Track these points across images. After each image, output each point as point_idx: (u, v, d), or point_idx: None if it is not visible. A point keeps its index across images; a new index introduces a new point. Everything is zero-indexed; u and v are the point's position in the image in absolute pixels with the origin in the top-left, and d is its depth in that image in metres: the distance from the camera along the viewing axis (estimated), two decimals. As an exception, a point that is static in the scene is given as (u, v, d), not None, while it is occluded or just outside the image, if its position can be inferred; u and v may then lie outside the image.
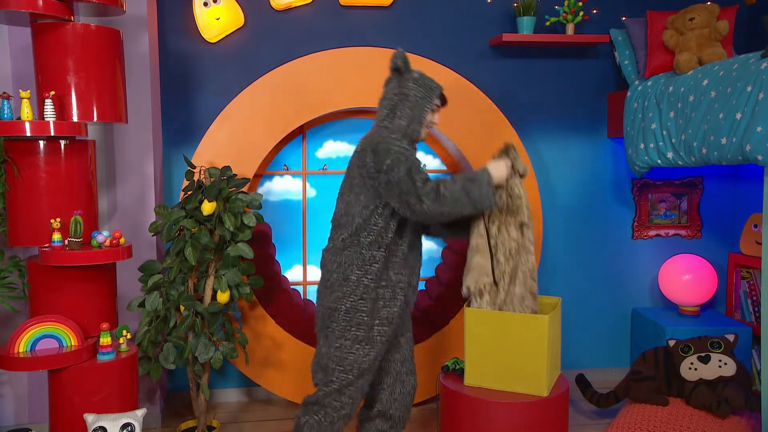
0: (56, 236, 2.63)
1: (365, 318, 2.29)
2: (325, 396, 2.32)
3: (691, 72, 3.10)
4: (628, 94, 3.52)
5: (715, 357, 2.94)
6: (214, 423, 3.17)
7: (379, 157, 2.21)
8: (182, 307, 2.91)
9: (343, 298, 2.30)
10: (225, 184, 2.92)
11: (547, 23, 3.62)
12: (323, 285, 2.38)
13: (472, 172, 2.27)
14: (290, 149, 3.72)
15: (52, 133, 2.56)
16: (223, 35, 3.48)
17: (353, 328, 2.29)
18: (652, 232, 3.94)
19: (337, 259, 2.33)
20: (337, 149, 3.76)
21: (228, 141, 3.33)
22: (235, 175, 3.04)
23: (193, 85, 3.51)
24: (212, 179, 2.94)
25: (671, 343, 3.06)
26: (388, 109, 2.35)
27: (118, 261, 2.82)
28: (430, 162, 3.85)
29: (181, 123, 3.53)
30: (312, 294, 3.80)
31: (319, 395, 2.34)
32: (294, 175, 3.74)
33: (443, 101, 2.45)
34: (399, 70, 2.35)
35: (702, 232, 3.97)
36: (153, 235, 3.10)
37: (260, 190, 3.70)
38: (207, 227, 2.91)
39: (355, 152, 2.33)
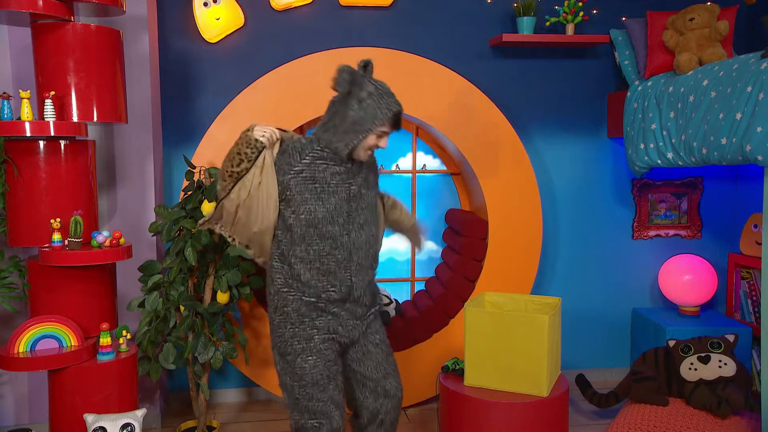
0: (56, 236, 2.63)
1: (297, 330, 2.22)
2: (298, 421, 2.27)
3: (691, 72, 3.10)
4: (628, 94, 3.52)
5: (715, 357, 2.94)
6: (214, 423, 3.17)
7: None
8: (182, 307, 2.91)
9: (274, 311, 2.27)
10: (225, 184, 2.92)
11: (547, 23, 3.62)
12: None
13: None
14: (290, 149, 3.72)
15: (52, 134, 2.56)
16: (223, 35, 3.48)
17: (289, 341, 2.23)
18: (652, 233, 3.94)
19: (269, 270, 2.30)
20: (337, 149, 3.76)
21: (228, 141, 3.30)
22: (235, 175, 3.04)
23: (193, 85, 3.51)
24: (212, 179, 2.94)
25: (671, 343, 3.06)
26: (324, 118, 2.22)
27: (118, 261, 2.82)
28: (430, 162, 3.85)
29: (181, 123, 3.52)
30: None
31: (293, 422, 2.30)
32: (294, 175, 3.73)
33: (395, 126, 2.22)
34: (341, 92, 2.15)
35: (702, 233, 3.97)
36: (153, 235, 3.09)
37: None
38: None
39: None
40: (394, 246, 3.91)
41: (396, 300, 3.66)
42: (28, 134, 2.53)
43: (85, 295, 2.76)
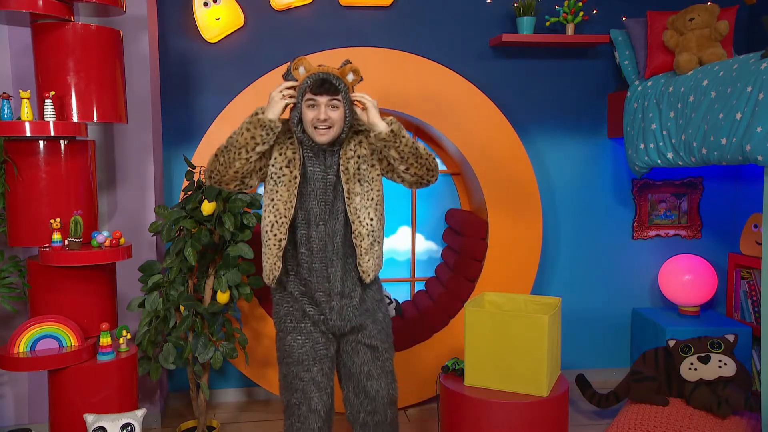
0: (56, 236, 2.63)
1: (292, 309, 2.29)
2: (284, 396, 2.34)
3: (691, 72, 3.10)
4: (628, 94, 3.52)
5: (715, 357, 2.94)
6: (214, 423, 3.17)
7: None
8: (182, 307, 2.91)
9: (274, 290, 2.35)
10: (225, 184, 2.92)
11: (547, 23, 3.62)
12: None
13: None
14: (290, 149, 3.72)
15: (52, 134, 2.56)
16: (223, 35, 3.48)
17: (283, 319, 2.31)
18: (652, 233, 3.94)
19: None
20: (337, 149, 3.76)
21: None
22: (235, 175, 3.04)
23: (193, 85, 3.51)
24: (212, 179, 2.94)
25: (671, 343, 3.06)
26: None
27: (118, 261, 2.82)
28: (430, 162, 3.85)
29: (181, 123, 3.53)
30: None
31: (282, 399, 2.36)
32: (294, 175, 3.73)
33: (316, 91, 2.14)
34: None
35: (702, 233, 3.97)
36: (153, 235, 3.10)
37: (260, 190, 3.70)
38: (207, 227, 2.91)
39: None
40: (393, 246, 3.91)
41: (396, 300, 3.66)
42: (28, 134, 2.54)
43: (85, 295, 2.76)
